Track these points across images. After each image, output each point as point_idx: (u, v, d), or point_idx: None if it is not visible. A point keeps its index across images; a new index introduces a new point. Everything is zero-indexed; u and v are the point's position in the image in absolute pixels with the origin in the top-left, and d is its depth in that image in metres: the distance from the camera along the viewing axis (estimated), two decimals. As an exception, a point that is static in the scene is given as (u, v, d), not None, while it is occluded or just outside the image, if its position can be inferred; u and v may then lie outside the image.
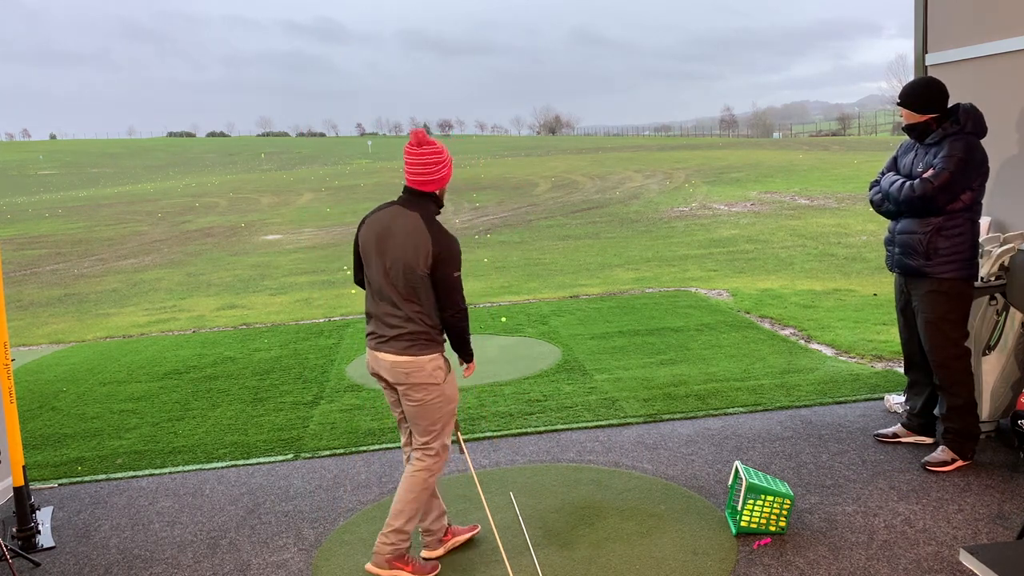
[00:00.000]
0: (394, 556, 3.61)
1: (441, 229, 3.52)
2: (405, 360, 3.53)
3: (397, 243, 3.48)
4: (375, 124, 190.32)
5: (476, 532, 4.05)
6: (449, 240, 3.50)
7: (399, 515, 3.61)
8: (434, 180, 3.54)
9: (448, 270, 3.48)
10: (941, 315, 4.42)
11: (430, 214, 3.53)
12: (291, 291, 12.29)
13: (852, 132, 75.27)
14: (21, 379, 7.72)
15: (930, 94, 4.37)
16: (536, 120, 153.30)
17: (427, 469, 3.65)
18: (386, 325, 3.57)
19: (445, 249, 3.46)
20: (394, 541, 3.60)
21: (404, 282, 3.48)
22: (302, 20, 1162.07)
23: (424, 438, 3.67)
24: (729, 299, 9.57)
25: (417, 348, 3.53)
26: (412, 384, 3.56)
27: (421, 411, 3.61)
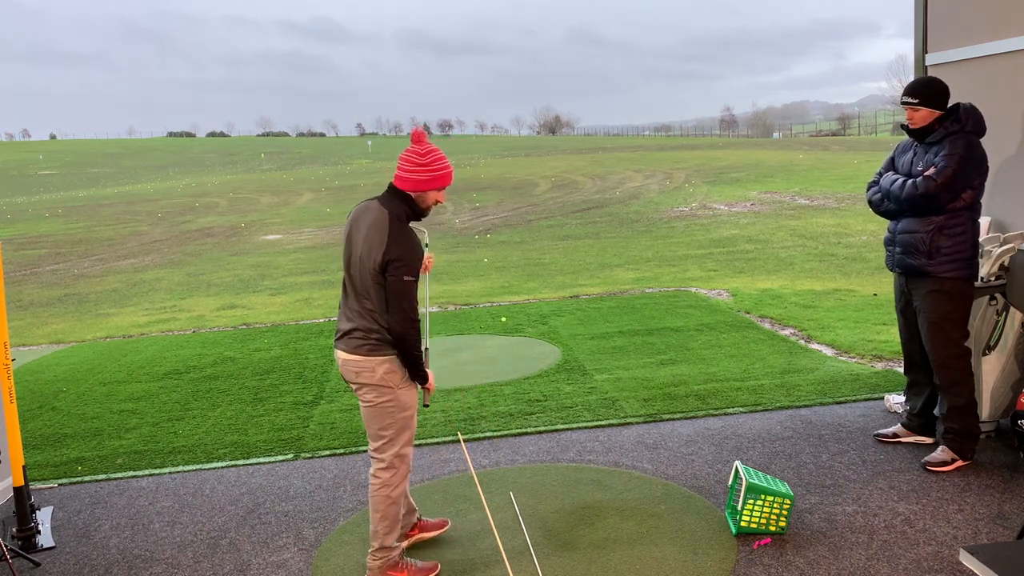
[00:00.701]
0: (387, 567, 3.60)
1: (403, 230, 3.38)
2: (355, 359, 3.44)
3: (361, 236, 3.41)
4: (375, 124, 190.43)
5: (445, 529, 4.07)
6: (407, 242, 3.37)
7: (375, 536, 3.58)
8: (409, 179, 3.44)
9: (399, 273, 3.32)
10: (943, 315, 4.41)
11: (399, 213, 3.41)
12: (291, 291, 12.29)
13: (852, 132, 75.27)
14: (21, 379, 7.72)
15: (943, 90, 4.37)
16: (536, 120, 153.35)
17: (385, 485, 3.54)
18: (344, 318, 3.51)
19: (398, 250, 3.32)
20: (381, 557, 3.59)
21: (359, 276, 3.40)
22: (300, 20, 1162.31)
23: (375, 443, 3.55)
24: (729, 299, 9.57)
25: (368, 348, 3.42)
26: (362, 384, 3.47)
27: (371, 413, 3.51)
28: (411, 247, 3.38)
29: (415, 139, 3.50)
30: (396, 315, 3.36)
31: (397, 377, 3.47)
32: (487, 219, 20.60)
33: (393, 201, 3.45)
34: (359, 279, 3.41)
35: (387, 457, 3.54)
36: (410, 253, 3.36)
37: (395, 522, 3.58)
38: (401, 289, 3.33)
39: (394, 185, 3.49)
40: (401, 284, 3.33)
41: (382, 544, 3.57)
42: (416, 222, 3.55)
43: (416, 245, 3.42)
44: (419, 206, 3.48)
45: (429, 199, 3.49)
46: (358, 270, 3.41)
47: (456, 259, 14.51)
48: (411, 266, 3.36)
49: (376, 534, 3.57)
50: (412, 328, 3.38)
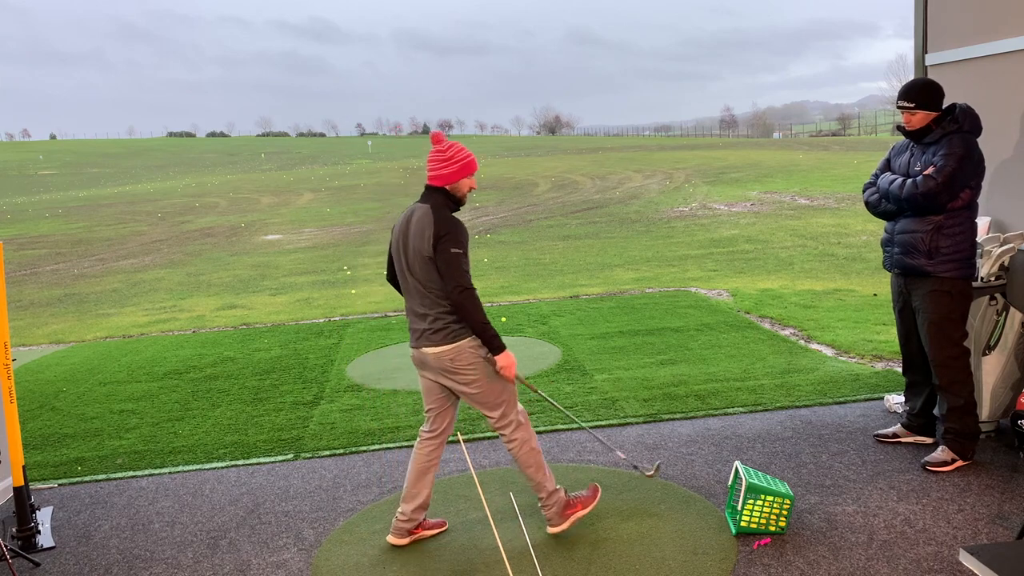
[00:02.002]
0: (563, 509, 3.93)
1: (445, 214, 3.68)
2: (445, 349, 3.70)
3: (412, 234, 3.70)
4: (375, 124, 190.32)
5: (443, 529, 4.15)
6: (451, 221, 3.65)
7: (537, 488, 3.90)
8: (440, 175, 3.74)
9: (446, 246, 3.58)
10: (943, 314, 4.41)
11: (438, 203, 3.72)
12: (291, 291, 12.29)
13: (852, 132, 75.29)
14: (21, 379, 7.72)
15: (938, 92, 4.37)
16: (536, 120, 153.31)
17: (523, 442, 3.85)
18: (420, 319, 3.75)
19: (445, 227, 3.61)
20: (552, 503, 3.91)
21: (421, 270, 3.66)
22: (295, 21, 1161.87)
23: (496, 413, 3.82)
24: (729, 299, 9.57)
25: (452, 335, 3.69)
26: (459, 370, 3.72)
27: (480, 389, 3.76)
28: (455, 225, 3.65)
29: (434, 140, 3.81)
30: (450, 285, 3.61)
31: (484, 349, 3.76)
32: (487, 219, 20.60)
33: (431, 196, 3.77)
34: (420, 273, 3.68)
35: (513, 419, 3.85)
36: (455, 228, 3.63)
37: (544, 466, 3.89)
38: (450, 260, 3.59)
39: (429, 185, 3.80)
40: (449, 255, 3.59)
41: (549, 493, 3.89)
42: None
43: (460, 225, 3.68)
44: (456, 195, 3.78)
45: (463, 187, 3.79)
46: (418, 264, 3.68)
47: (456, 259, 14.49)
48: (457, 239, 3.62)
49: (540, 486, 3.88)
50: (466, 296, 3.60)
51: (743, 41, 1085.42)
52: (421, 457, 3.98)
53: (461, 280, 3.59)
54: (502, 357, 3.74)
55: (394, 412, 6.05)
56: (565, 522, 3.95)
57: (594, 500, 4.04)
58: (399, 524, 3.98)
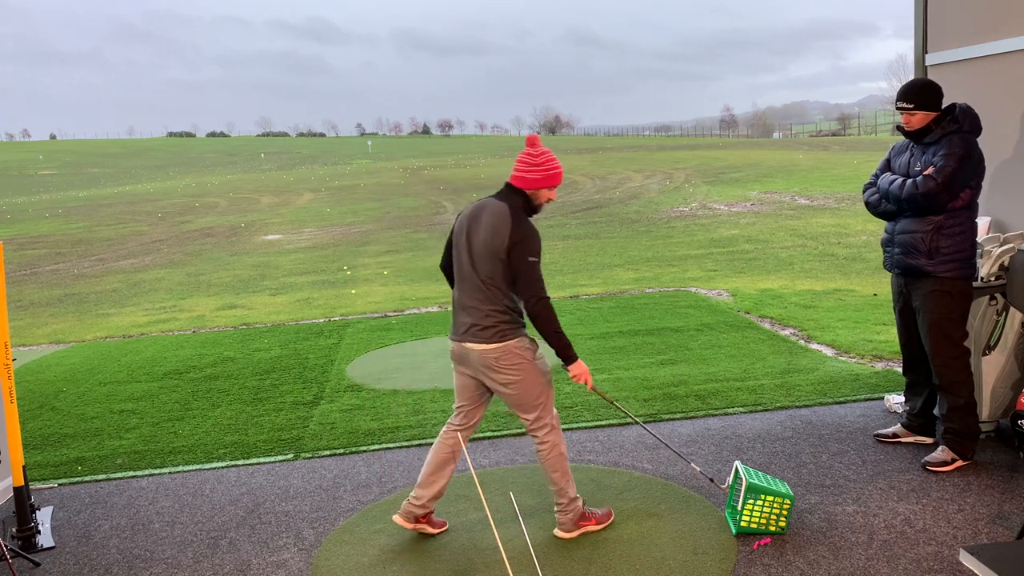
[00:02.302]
0: (577, 519, 3.94)
1: (523, 219, 3.71)
2: (491, 347, 3.71)
3: (482, 228, 3.71)
4: (375, 124, 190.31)
5: (444, 529, 4.16)
6: (529, 227, 3.69)
7: (559, 494, 3.91)
8: (524, 178, 3.77)
9: (523, 253, 3.62)
10: (943, 314, 4.41)
11: (517, 205, 3.74)
12: (291, 291, 12.29)
13: (852, 132, 75.29)
14: (21, 379, 7.72)
15: (937, 92, 4.37)
16: (536, 120, 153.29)
17: (554, 446, 3.87)
18: (469, 312, 3.75)
19: (522, 233, 3.64)
20: (570, 510, 3.92)
21: (487, 267, 3.68)
22: (294, 21, 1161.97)
23: (532, 414, 3.84)
24: (729, 299, 9.57)
25: (501, 333, 3.70)
26: (502, 369, 3.73)
27: (519, 390, 3.78)
28: (533, 232, 3.69)
29: (529, 143, 3.83)
30: (526, 294, 3.65)
31: (530, 352, 3.79)
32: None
33: (512, 197, 3.78)
34: (485, 269, 3.69)
35: (548, 421, 3.87)
36: (532, 236, 3.68)
37: (569, 472, 3.92)
38: (526, 269, 3.63)
39: (511, 184, 3.82)
40: (526, 264, 3.63)
41: (569, 499, 3.91)
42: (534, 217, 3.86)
43: (536, 233, 3.71)
44: (533, 202, 3.81)
45: (542, 196, 3.82)
46: (485, 260, 3.69)
47: (456, 259, 14.49)
48: (533, 247, 3.66)
49: (563, 491, 3.90)
50: (542, 306, 3.64)
51: (743, 41, 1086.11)
52: (444, 448, 4.01)
53: (538, 290, 3.64)
54: (575, 367, 3.79)
55: (394, 412, 6.05)
56: (576, 531, 3.96)
57: (607, 520, 4.07)
58: (410, 507, 4.01)
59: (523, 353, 3.75)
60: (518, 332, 3.75)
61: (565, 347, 3.73)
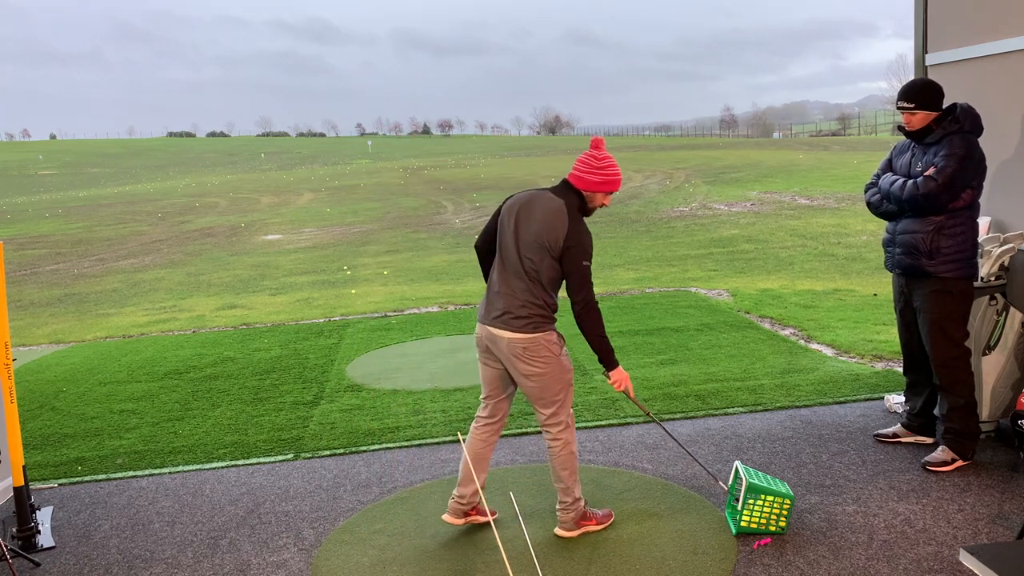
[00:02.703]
0: (579, 518, 3.95)
1: (579, 220, 3.71)
2: (522, 337, 3.71)
3: (536, 219, 3.70)
4: (375, 124, 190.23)
5: (494, 517, 4.19)
6: (584, 230, 3.69)
7: (565, 492, 3.90)
8: (584, 179, 3.75)
9: (577, 258, 3.64)
10: (944, 314, 4.41)
11: (573, 205, 3.73)
12: (291, 291, 12.29)
13: (852, 132, 75.30)
14: (21, 379, 7.72)
15: (938, 92, 4.37)
16: (536, 120, 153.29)
17: (567, 443, 3.87)
18: (505, 298, 3.76)
19: (577, 236, 3.64)
20: (572, 509, 3.92)
21: (536, 259, 3.69)
22: (292, 21, 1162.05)
23: (549, 410, 3.84)
24: (729, 299, 9.57)
25: (533, 325, 3.72)
26: (528, 359, 3.73)
27: (541, 383, 3.78)
28: (587, 235, 3.70)
29: (594, 145, 3.80)
30: (577, 296, 3.68)
31: (557, 347, 3.79)
32: (487, 219, 20.61)
33: (568, 194, 3.76)
34: (533, 260, 3.69)
35: (563, 419, 3.87)
36: (587, 240, 3.69)
37: (577, 471, 3.92)
38: (580, 272, 3.65)
39: (569, 181, 3.79)
40: (580, 267, 3.65)
41: (574, 497, 3.92)
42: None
43: (590, 235, 3.72)
44: (587, 204, 3.79)
45: (597, 200, 3.81)
46: (534, 252, 3.68)
47: (456, 259, 14.51)
48: (587, 251, 3.68)
49: (569, 490, 3.90)
50: (590, 310, 3.67)
51: (743, 41, 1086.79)
52: (478, 442, 4.03)
53: (588, 295, 3.67)
54: (616, 373, 3.80)
55: (394, 412, 6.05)
56: (577, 531, 3.97)
57: (608, 521, 4.07)
58: (456, 505, 4.05)
59: (551, 347, 3.76)
60: (549, 326, 3.78)
61: (608, 352, 3.75)
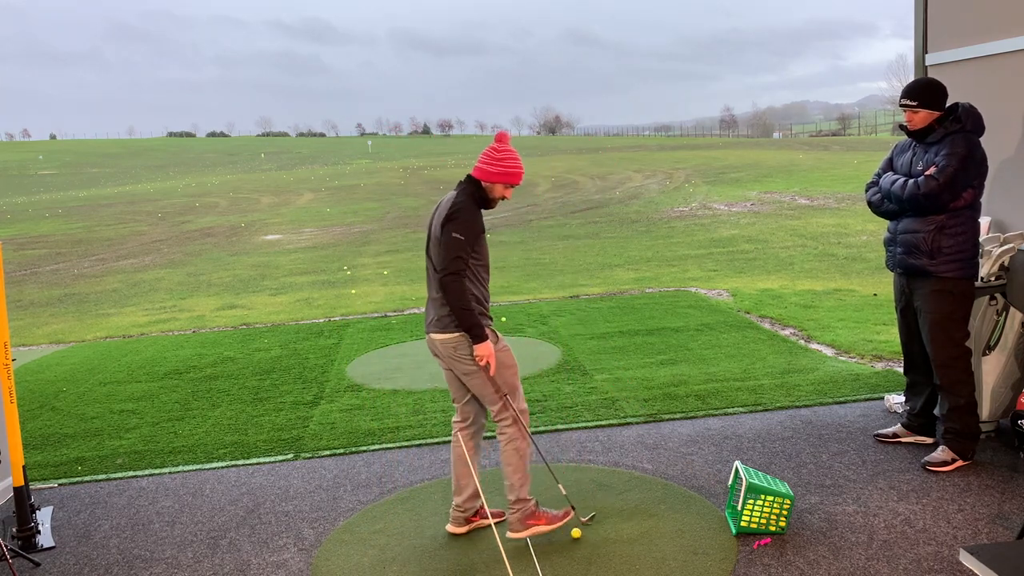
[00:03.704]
0: (526, 517, 3.89)
1: (466, 200, 3.74)
2: (449, 337, 3.76)
3: (436, 218, 3.82)
4: (375, 124, 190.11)
5: (500, 520, 4.15)
6: (467, 209, 3.71)
7: (511, 489, 3.88)
8: (482, 170, 3.82)
9: (451, 228, 3.64)
10: (945, 314, 4.41)
11: (467, 192, 3.79)
12: (291, 291, 12.29)
13: (852, 132, 75.30)
14: (21, 379, 7.72)
15: (941, 91, 4.37)
16: (536, 120, 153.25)
17: (511, 439, 3.85)
18: (433, 304, 3.83)
19: (457, 212, 3.68)
20: (519, 508, 3.88)
21: (436, 255, 3.74)
22: (291, 21, 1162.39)
23: (494, 406, 3.85)
24: (729, 299, 9.57)
25: (457, 324, 3.71)
26: (461, 358, 3.77)
27: (480, 380, 3.80)
28: (469, 213, 3.71)
29: (498, 139, 3.89)
30: (439, 266, 3.68)
31: (489, 343, 3.75)
32: (487, 219, 20.48)
33: (467, 186, 3.84)
34: (436, 257, 3.75)
35: (509, 414, 3.85)
36: (466, 216, 3.69)
37: (526, 475, 3.88)
38: (448, 243, 3.64)
39: (470, 175, 3.87)
40: (450, 239, 3.64)
41: (518, 496, 3.87)
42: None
43: (475, 216, 3.73)
44: (487, 195, 3.85)
45: (497, 191, 3.86)
46: (434, 248, 3.75)
47: (456, 259, 14.49)
48: (465, 226, 3.66)
49: (512, 487, 3.87)
50: (450, 280, 3.63)
51: (742, 41, 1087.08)
52: (458, 449, 4.02)
53: (450, 265, 3.63)
54: (481, 347, 3.71)
55: (394, 412, 6.05)
56: (525, 531, 3.89)
57: (560, 521, 3.95)
58: (456, 514, 4.05)
59: None
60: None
61: (473, 325, 3.68)
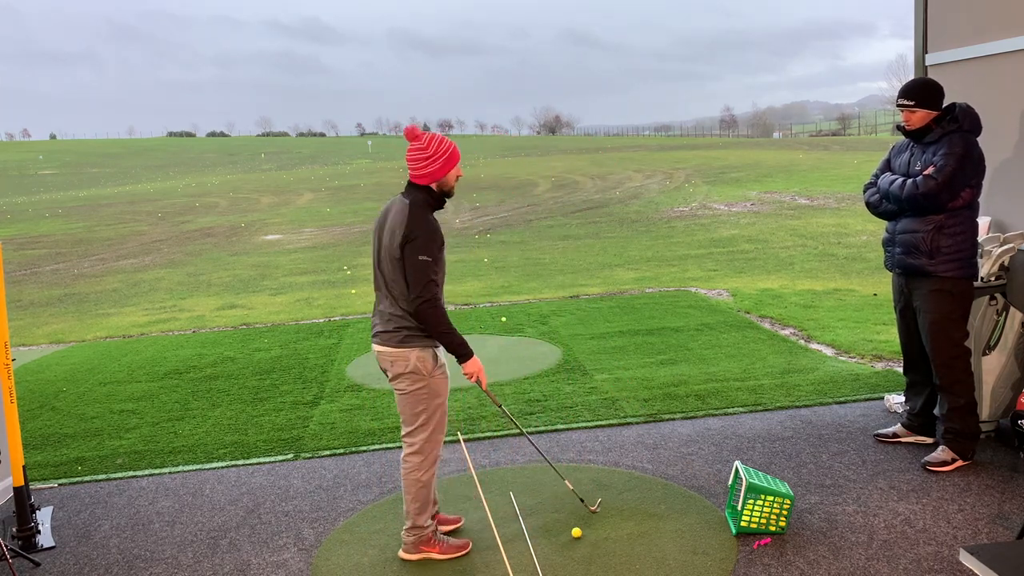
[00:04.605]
0: (420, 542, 3.83)
1: (421, 213, 3.53)
2: (388, 350, 3.63)
3: (387, 230, 3.60)
4: (375, 124, 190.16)
5: (460, 524, 4.14)
6: (425, 223, 3.51)
7: (408, 515, 3.80)
8: (427, 174, 3.60)
9: (415, 253, 3.47)
10: (944, 314, 4.42)
11: (419, 201, 3.59)
12: (291, 291, 12.29)
13: (852, 132, 75.30)
14: (21, 379, 7.72)
15: (938, 91, 4.38)
16: (536, 120, 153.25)
17: (415, 468, 3.73)
18: (380, 316, 3.69)
19: (416, 230, 3.48)
20: (415, 534, 3.81)
21: (388, 268, 3.58)
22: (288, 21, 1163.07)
23: (407, 428, 3.73)
24: (729, 299, 9.57)
25: (399, 339, 3.59)
26: (396, 374, 3.65)
27: (405, 400, 3.68)
28: (428, 229, 3.51)
29: (411, 136, 3.63)
30: (412, 294, 3.51)
31: (429, 365, 3.64)
32: (487, 219, 20.59)
33: (412, 192, 3.64)
34: (387, 271, 3.59)
35: (418, 442, 3.71)
36: (426, 233, 3.49)
37: (426, 503, 3.78)
38: (415, 267, 3.48)
39: (416, 184, 3.64)
40: (416, 262, 3.47)
41: (414, 523, 3.80)
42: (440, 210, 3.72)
43: (434, 230, 3.55)
44: (443, 190, 3.67)
45: (451, 180, 3.68)
46: (387, 261, 3.59)
47: (456, 259, 14.51)
48: (426, 246, 3.49)
49: (408, 514, 3.79)
50: (426, 307, 3.49)
51: (742, 41, 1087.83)
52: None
53: (423, 291, 3.47)
54: (469, 364, 3.64)
55: (394, 412, 6.05)
56: (416, 554, 3.81)
57: (456, 552, 3.83)
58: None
59: (421, 365, 3.59)
60: (422, 342, 3.60)
61: (458, 345, 3.58)
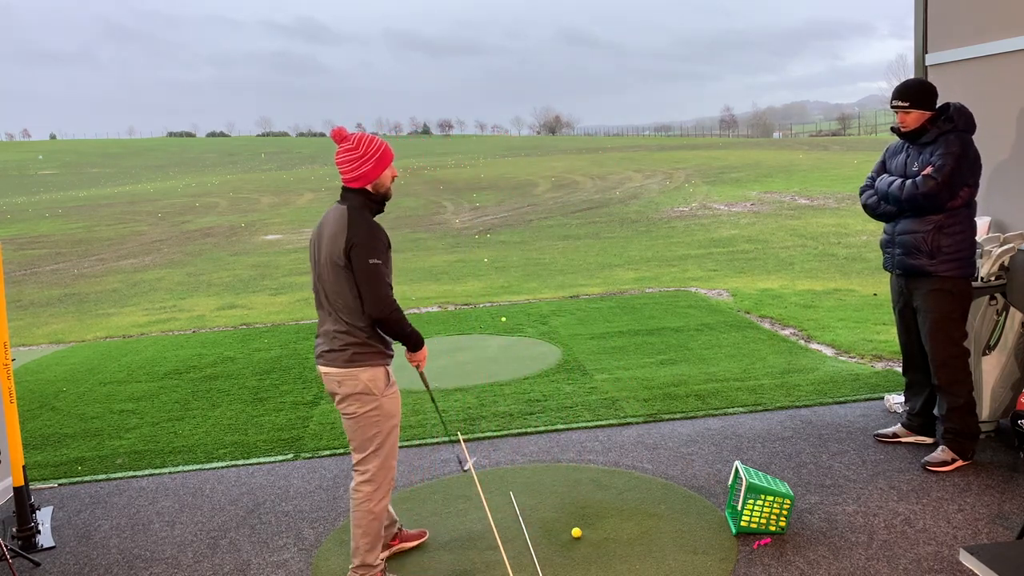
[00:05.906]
0: None
1: (361, 216, 3.33)
2: (336, 371, 3.38)
3: (325, 240, 3.36)
4: (375, 124, 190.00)
5: (424, 539, 4.01)
6: (368, 226, 3.30)
7: (356, 552, 3.49)
8: (360, 176, 3.38)
9: (363, 257, 3.24)
10: (944, 314, 4.42)
11: (357, 204, 3.37)
12: (291, 291, 12.29)
13: (852, 132, 75.30)
14: (21, 379, 7.72)
15: (931, 91, 4.38)
16: (536, 120, 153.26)
17: (367, 499, 3.45)
18: (323, 334, 3.45)
19: (360, 234, 3.26)
20: (362, 573, 3.51)
21: (330, 280, 3.34)
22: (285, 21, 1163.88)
23: (359, 455, 3.46)
24: (729, 299, 9.57)
25: (346, 358, 3.36)
26: (345, 395, 3.40)
27: (356, 424, 3.42)
28: (371, 231, 3.31)
29: (339, 138, 3.42)
30: (369, 301, 3.29)
31: (381, 384, 3.41)
32: (487, 219, 20.59)
33: (349, 197, 3.41)
34: (330, 284, 3.35)
35: (371, 469, 3.45)
36: (371, 236, 3.29)
37: (377, 538, 3.50)
38: (367, 273, 3.26)
39: (350, 188, 3.43)
40: (367, 267, 3.26)
41: (363, 561, 3.48)
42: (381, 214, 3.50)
43: (379, 231, 3.34)
44: (379, 192, 3.45)
45: (386, 181, 3.45)
46: (328, 272, 3.34)
47: (456, 259, 14.51)
48: (374, 248, 3.28)
49: (357, 551, 3.48)
50: (390, 310, 3.31)
51: (742, 41, 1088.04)
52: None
53: (384, 301, 3.29)
54: (421, 352, 3.51)
55: (394, 412, 6.05)
56: None
57: None
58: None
59: (372, 384, 3.38)
60: (373, 360, 3.38)
61: (415, 339, 3.44)
